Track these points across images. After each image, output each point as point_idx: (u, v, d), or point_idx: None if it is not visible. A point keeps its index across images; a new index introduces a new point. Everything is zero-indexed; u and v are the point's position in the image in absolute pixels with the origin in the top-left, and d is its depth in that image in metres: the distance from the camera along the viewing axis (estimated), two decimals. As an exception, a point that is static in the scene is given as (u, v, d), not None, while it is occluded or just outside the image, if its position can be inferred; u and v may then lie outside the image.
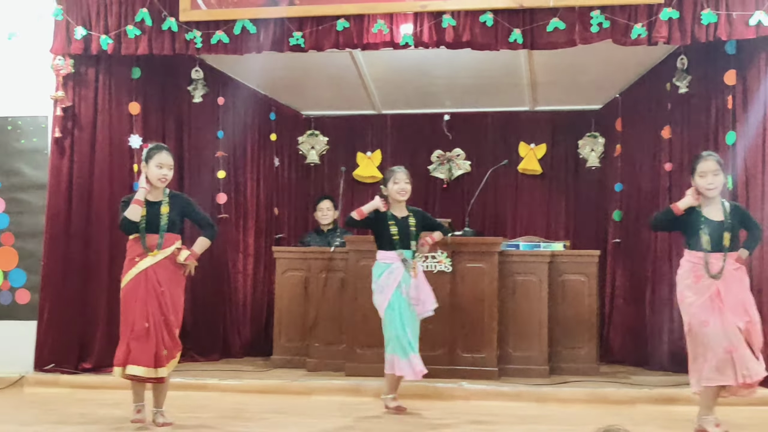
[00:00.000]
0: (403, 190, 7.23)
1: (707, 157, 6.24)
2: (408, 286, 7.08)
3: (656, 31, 7.66)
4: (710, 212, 6.23)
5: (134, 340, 6.31)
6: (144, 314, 6.33)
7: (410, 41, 8.07)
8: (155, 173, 6.45)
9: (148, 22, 8.36)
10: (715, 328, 6.02)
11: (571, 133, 10.99)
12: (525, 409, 7.39)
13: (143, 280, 6.37)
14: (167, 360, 6.41)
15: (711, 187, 6.17)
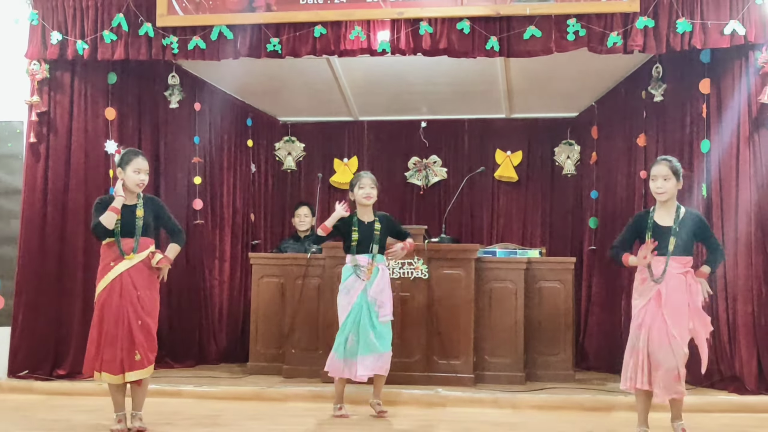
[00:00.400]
0: (368, 195, 7.26)
1: (660, 162, 6.26)
2: (372, 288, 7.12)
3: (632, 40, 7.71)
4: (660, 217, 6.25)
5: (107, 347, 6.29)
6: (118, 320, 6.31)
7: (387, 48, 8.09)
8: (133, 179, 6.44)
9: (124, 28, 8.34)
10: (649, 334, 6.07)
11: (547, 140, 11.04)
12: (501, 416, 7.39)
13: (119, 284, 6.35)
14: (139, 365, 6.37)
15: (660, 191, 6.18)
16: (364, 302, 7.11)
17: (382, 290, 7.19)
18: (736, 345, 7.83)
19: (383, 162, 11.24)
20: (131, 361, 6.33)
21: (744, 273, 7.78)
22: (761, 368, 7.70)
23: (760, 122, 7.75)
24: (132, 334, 6.33)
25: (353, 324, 7.11)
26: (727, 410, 7.44)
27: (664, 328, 6.02)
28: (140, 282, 6.41)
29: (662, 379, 6.02)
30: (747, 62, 7.82)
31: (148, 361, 6.43)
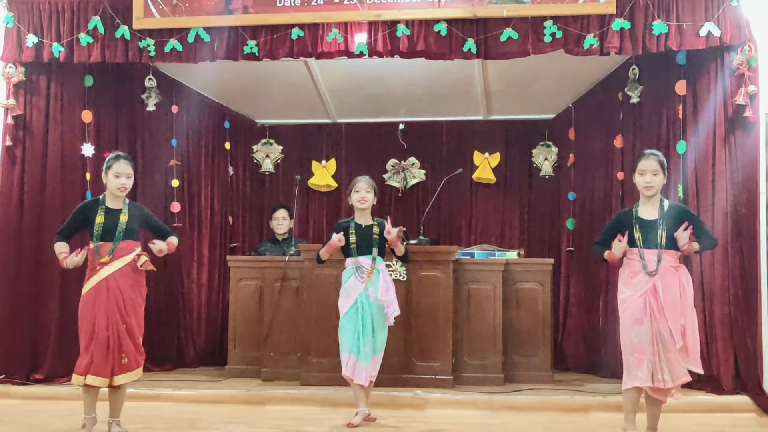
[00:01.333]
0: (363, 199, 7.24)
1: (649, 156, 6.25)
2: (376, 290, 7.09)
3: (608, 42, 7.74)
4: (645, 211, 6.24)
5: (97, 350, 6.27)
6: (105, 323, 6.30)
7: (365, 50, 8.09)
8: (113, 183, 6.46)
9: (100, 30, 8.30)
10: (647, 328, 6.02)
11: (524, 142, 11.07)
12: (480, 417, 7.40)
13: (104, 288, 6.34)
14: (127, 368, 6.38)
15: (648, 185, 6.18)
16: (366, 304, 7.08)
17: (388, 290, 7.16)
18: (713, 345, 7.86)
19: (361, 164, 11.22)
20: (119, 364, 6.33)
21: (720, 273, 7.82)
22: (738, 368, 7.74)
23: (736, 123, 7.80)
24: (119, 338, 6.33)
25: (366, 328, 7.05)
26: (704, 410, 7.47)
27: (665, 322, 5.99)
28: (125, 285, 6.40)
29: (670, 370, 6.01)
30: (722, 63, 7.86)
31: (136, 364, 6.44)
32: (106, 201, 6.52)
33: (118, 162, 6.49)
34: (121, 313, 6.35)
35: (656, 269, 6.07)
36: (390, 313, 7.15)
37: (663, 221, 6.16)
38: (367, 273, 7.11)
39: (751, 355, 7.64)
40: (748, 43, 7.66)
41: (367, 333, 7.03)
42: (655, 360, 6.00)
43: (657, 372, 6.00)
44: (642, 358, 6.03)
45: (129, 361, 6.38)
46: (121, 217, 6.47)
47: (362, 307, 7.06)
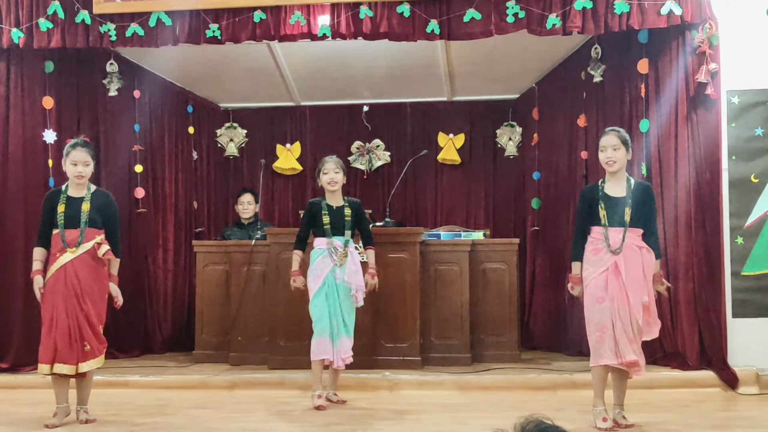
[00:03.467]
0: (333, 181, 7.22)
1: (609, 132, 6.26)
2: (344, 272, 7.10)
3: (570, 21, 7.75)
4: (611, 188, 6.23)
5: (59, 338, 6.25)
6: (64, 311, 6.28)
7: (328, 32, 8.06)
8: (71, 171, 6.45)
9: (60, 15, 8.21)
10: (607, 306, 6.03)
11: (488, 122, 11.11)
12: (448, 398, 7.44)
13: (62, 275, 6.32)
14: (91, 356, 6.36)
15: (610, 161, 6.17)
16: (333, 285, 7.09)
17: (356, 272, 7.19)
18: (678, 321, 7.95)
19: (326, 147, 11.20)
20: (82, 351, 6.32)
21: (684, 250, 7.90)
22: (702, 344, 7.83)
23: (698, 101, 7.85)
24: (79, 325, 6.31)
25: (334, 308, 7.09)
26: (670, 386, 7.57)
27: (626, 300, 6.00)
28: (84, 273, 6.37)
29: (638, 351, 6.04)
30: (684, 42, 7.90)
31: (99, 351, 6.42)
32: (69, 189, 6.50)
33: (74, 150, 6.45)
34: (79, 301, 6.33)
35: (620, 247, 6.08)
36: (359, 297, 7.17)
37: (630, 199, 6.17)
38: (341, 255, 7.11)
39: (715, 330, 7.73)
40: (709, 21, 7.71)
41: (337, 314, 7.06)
42: (616, 337, 6.02)
43: (618, 348, 6.03)
44: (604, 336, 6.05)
45: (92, 348, 6.36)
46: (83, 205, 6.44)
47: (330, 289, 7.08)
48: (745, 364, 7.65)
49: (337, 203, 7.28)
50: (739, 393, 7.46)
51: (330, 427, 6.28)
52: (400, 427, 6.29)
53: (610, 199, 6.19)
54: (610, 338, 6.03)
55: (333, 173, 7.23)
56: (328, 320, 7.05)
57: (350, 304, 7.17)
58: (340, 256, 7.10)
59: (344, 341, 7.10)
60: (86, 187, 6.52)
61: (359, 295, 7.19)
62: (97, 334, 6.43)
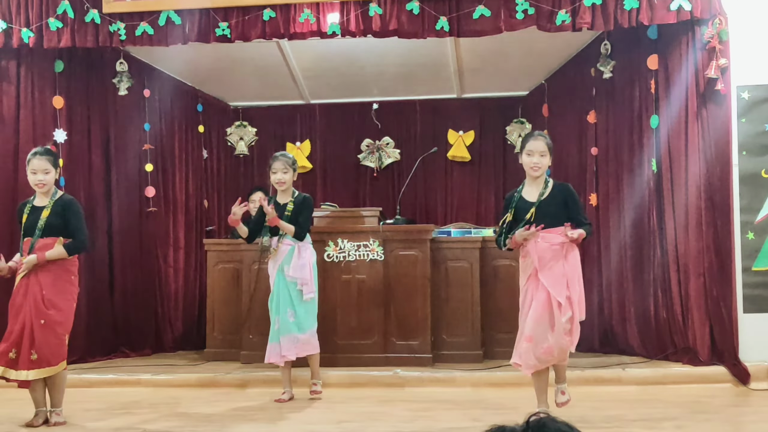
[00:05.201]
0: (281, 182, 7.30)
1: (537, 137, 6.23)
2: (290, 267, 7.17)
3: (580, 17, 7.74)
4: (529, 193, 6.21)
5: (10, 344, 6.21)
6: (18, 317, 6.23)
7: (337, 30, 8.06)
8: (30, 179, 6.40)
9: (70, 14, 8.22)
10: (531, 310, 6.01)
11: (498, 119, 11.10)
12: (460, 395, 7.44)
13: (24, 284, 6.28)
14: (37, 365, 6.20)
15: (536, 166, 6.14)
16: (281, 282, 7.19)
17: (303, 267, 7.22)
18: (688, 317, 7.93)
19: (336, 144, 11.24)
20: (27, 359, 6.18)
21: (695, 246, 7.88)
22: (714, 339, 7.81)
23: (708, 97, 7.83)
24: (32, 333, 6.20)
25: (276, 306, 7.22)
26: (681, 381, 7.56)
27: (546, 298, 5.96)
28: (46, 280, 6.28)
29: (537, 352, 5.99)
30: (694, 37, 7.88)
31: (47, 363, 6.24)
32: (35, 199, 6.45)
33: (34, 158, 6.37)
34: (38, 308, 6.22)
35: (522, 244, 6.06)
36: (305, 292, 7.22)
37: (542, 202, 6.12)
38: (273, 252, 7.17)
39: (726, 325, 7.71)
40: (719, 17, 7.68)
41: (277, 311, 7.20)
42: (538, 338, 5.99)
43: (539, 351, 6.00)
44: (530, 345, 6.02)
45: (39, 358, 6.20)
46: (43, 212, 6.35)
47: (277, 287, 7.21)
48: (756, 360, 7.64)
49: (283, 200, 7.35)
50: (750, 388, 7.45)
51: (342, 425, 6.29)
52: (411, 424, 6.29)
53: (525, 203, 6.17)
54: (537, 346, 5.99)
55: (281, 173, 7.30)
56: (273, 323, 7.22)
57: (301, 297, 7.22)
58: (272, 252, 7.22)
59: (289, 339, 7.18)
60: (50, 195, 6.43)
61: (305, 288, 7.22)
62: (56, 344, 6.30)
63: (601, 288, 8.98)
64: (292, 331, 7.16)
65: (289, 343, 7.16)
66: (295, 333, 7.17)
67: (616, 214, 8.85)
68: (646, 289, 8.46)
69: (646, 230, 8.45)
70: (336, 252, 8.42)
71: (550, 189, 6.20)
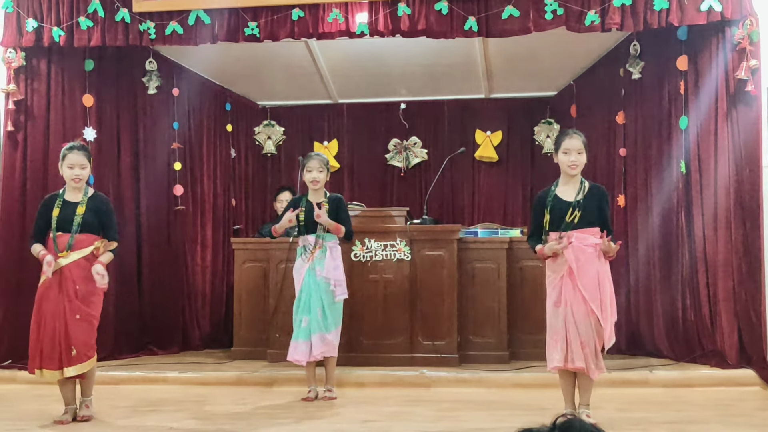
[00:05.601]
0: (315, 180, 7.26)
1: (573, 135, 6.17)
2: (323, 268, 7.15)
3: (609, 18, 7.71)
4: (564, 192, 6.15)
5: (45, 342, 6.25)
6: (51, 314, 6.27)
7: (366, 30, 8.07)
8: (67, 174, 6.40)
9: (100, 14, 8.28)
10: (563, 309, 5.98)
11: (526, 119, 11.07)
12: (486, 395, 7.43)
13: (57, 279, 6.30)
14: (77, 360, 6.29)
15: (574, 164, 6.10)
16: (312, 282, 7.16)
17: (335, 268, 7.24)
18: (717, 319, 7.88)
19: (363, 144, 11.26)
20: (69, 356, 6.27)
21: (724, 248, 7.83)
22: (742, 342, 7.76)
23: (738, 98, 7.78)
24: (68, 329, 6.26)
25: (305, 305, 7.18)
26: (709, 384, 7.51)
27: (584, 304, 5.94)
28: (79, 276, 6.32)
29: (589, 356, 5.97)
30: (724, 38, 7.83)
31: (86, 356, 6.33)
32: (66, 193, 6.45)
33: (71, 153, 6.40)
34: (72, 304, 6.28)
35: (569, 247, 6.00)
36: (338, 293, 7.22)
37: (581, 202, 6.08)
38: (311, 251, 7.15)
39: (755, 328, 7.66)
40: (750, 18, 7.63)
41: (306, 310, 7.16)
42: (568, 341, 5.96)
43: (568, 353, 5.97)
44: (557, 341, 6.02)
45: (78, 353, 6.28)
46: (78, 209, 6.37)
47: (307, 286, 7.16)
48: (785, 363, 7.58)
49: (317, 199, 7.33)
50: (779, 392, 7.40)
51: (367, 424, 6.29)
52: (437, 424, 6.29)
53: (561, 202, 6.11)
54: (562, 342, 5.99)
55: (317, 172, 7.27)
56: (300, 321, 7.18)
57: (331, 298, 7.21)
58: (309, 253, 7.18)
59: (318, 338, 7.17)
60: (83, 191, 6.46)
61: (338, 290, 7.23)
62: (89, 337, 6.38)
63: (629, 289, 8.94)
64: (322, 329, 7.17)
65: (319, 341, 7.17)
66: (324, 332, 7.18)
67: (644, 216, 8.81)
68: (673, 290, 8.42)
69: (675, 232, 8.41)
70: (363, 252, 8.43)
71: (587, 189, 6.16)
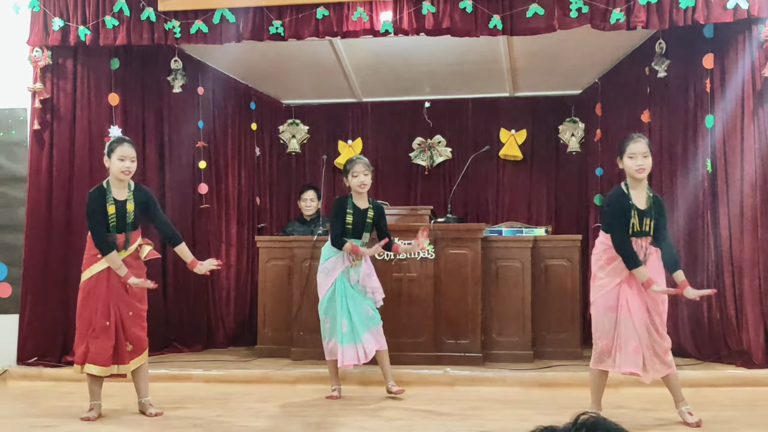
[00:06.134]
0: (362, 183, 7.21)
1: (638, 139, 6.12)
2: (358, 274, 7.15)
3: (634, 16, 7.66)
4: (639, 200, 6.09)
5: (93, 339, 6.31)
6: (105, 312, 6.33)
7: (390, 29, 8.06)
8: (118, 166, 6.40)
9: (126, 12, 8.31)
10: (624, 317, 5.94)
11: (551, 118, 11.03)
12: (510, 394, 7.42)
13: (105, 277, 6.36)
14: (135, 354, 6.42)
15: (641, 168, 6.05)
16: (345, 284, 7.14)
17: (370, 275, 7.24)
18: (743, 319, 7.83)
19: (387, 143, 11.25)
20: (124, 352, 6.37)
21: (750, 247, 7.78)
22: (768, 342, 7.72)
23: (765, 96, 7.73)
24: (124, 326, 6.36)
25: (343, 309, 7.13)
26: (735, 384, 7.45)
27: (646, 312, 5.93)
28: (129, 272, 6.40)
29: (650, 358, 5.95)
30: (750, 36, 7.78)
31: (141, 349, 6.47)
32: (112, 190, 6.46)
33: (121, 145, 6.44)
34: (125, 301, 6.38)
35: (645, 257, 6.01)
36: (377, 299, 7.21)
37: (650, 208, 6.07)
38: (356, 257, 7.14)
39: (782, 328, 7.62)
40: (777, 15, 7.59)
41: (344, 312, 7.12)
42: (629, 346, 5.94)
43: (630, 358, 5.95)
44: (611, 345, 5.99)
45: (135, 348, 6.42)
46: (128, 206, 6.44)
47: (340, 290, 7.13)
48: (812, 363, 7.53)
49: (363, 205, 7.29)
50: (806, 392, 7.34)
51: (391, 422, 6.30)
52: (461, 423, 6.28)
53: (641, 214, 6.07)
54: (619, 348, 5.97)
55: (363, 176, 7.21)
56: (338, 322, 7.12)
57: (364, 294, 7.21)
58: (354, 258, 7.13)
59: (370, 333, 7.15)
60: (127, 185, 6.52)
61: (377, 296, 7.23)
62: (143, 332, 6.51)
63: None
64: (373, 324, 7.18)
65: (374, 336, 7.16)
66: (375, 326, 7.19)
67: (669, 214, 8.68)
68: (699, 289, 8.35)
69: (700, 230, 8.36)
70: (387, 250, 8.44)
71: (651, 197, 6.13)
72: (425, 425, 6.20)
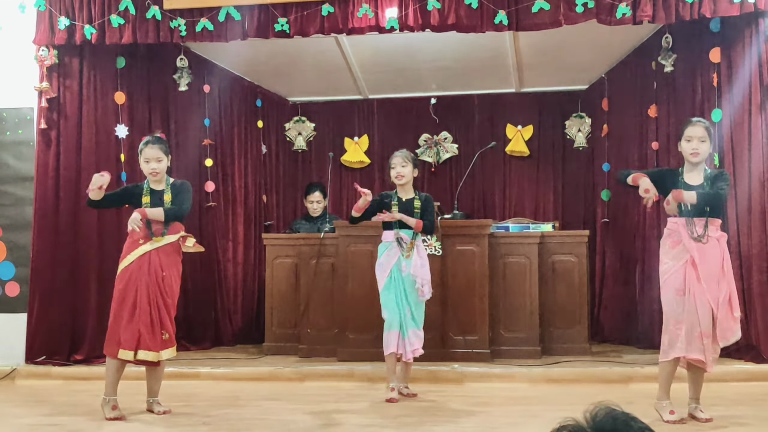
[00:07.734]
0: (400, 175, 7.20)
1: (696, 123, 6.11)
2: (409, 265, 7.09)
3: (641, 10, 7.64)
4: (691, 178, 6.10)
5: (143, 325, 6.35)
6: (147, 298, 6.40)
7: (396, 25, 8.05)
8: (145, 168, 6.59)
9: (131, 11, 8.30)
10: (689, 298, 5.94)
11: (557, 113, 11.00)
12: (518, 390, 7.42)
13: (146, 263, 6.45)
14: (170, 344, 6.51)
15: (695, 152, 6.04)
16: (399, 277, 7.09)
17: (423, 266, 7.17)
18: (751, 314, 7.81)
19: (393, 139, 11.22)
20: (159, 340, 6.42)
21: (758, 241, 7.76)
22: (777, 337, 7.70)
23: (772, 90, 7.71)
24: (160, 313, 6.44)
25: (400, 301, 7.08)
26: (743, 379, 7.45)
27: (703, 294, 5.91)
28: (166, 263, 6.52)
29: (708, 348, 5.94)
30: (757, 30, 7.76)
31: (172, 342, 6.54)
32: (150, 183, 6.63)
33: (146, 147, 6.57)
34: (161, 290, 6.45)
35: (702, 236, 5.98)
36: (426, 291, 7.15)
37: (706, 187, 6.04)
38: (408, 247, 7.10)
39: (790, 323, 7.60)
40: (784, 8, 7.56)
41: (404, 306, 7.06)
42: (695, 332, 5.94)
43: (695, 343, 5.94)
44: (681, 330, 5.96)
45: (170, 337, 6.50)
46: (165, 197, 6.56)
47: (396, 281, 7.08)
48: (821, 357, 7.51)
49: (408, 195, 7.26)
50: (815, 387, 7.33)
51: (400, 419, 6.30)
52: (469, 419, 6.29)
53: (689, 188, 6.06)
54: (689, 331, 5.94)
55: (400, 167, 7.21)
56: (396, 312, 7.05)
57: (416, 296, 7.15)
58: (407, 248, 7.09)
59: (413, 334, 7.09)
60: (164, 181, 6.64)
61: (425, 288, 7.17)
62: (173, 323, 6.57)
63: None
64: (415, 326, 7.13)
65: (416, 338, 7.11)
66: (416, 329, 7.14)
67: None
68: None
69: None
70: (394, 247, 8.42)
71: (710, 175, 6.11)
72: (433, 422, 6.20)
